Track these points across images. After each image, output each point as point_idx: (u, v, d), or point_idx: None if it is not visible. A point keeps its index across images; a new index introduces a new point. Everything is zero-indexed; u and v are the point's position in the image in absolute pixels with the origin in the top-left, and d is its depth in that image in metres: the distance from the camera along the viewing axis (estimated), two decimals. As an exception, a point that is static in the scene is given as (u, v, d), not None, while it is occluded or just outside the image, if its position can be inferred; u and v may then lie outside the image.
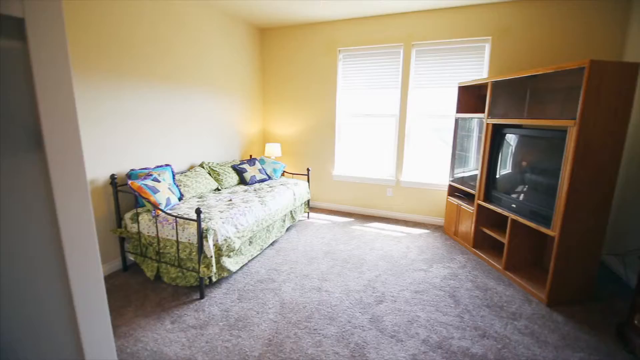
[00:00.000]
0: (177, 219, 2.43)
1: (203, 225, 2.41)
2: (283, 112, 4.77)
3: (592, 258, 2.35)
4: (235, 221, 2.68)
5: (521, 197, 2.71)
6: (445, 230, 3.83)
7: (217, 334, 2.02)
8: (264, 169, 4.14)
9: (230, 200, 3.10)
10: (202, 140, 3.78)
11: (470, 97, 3.56)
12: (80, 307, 0.82)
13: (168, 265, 2.56)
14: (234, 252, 2.65)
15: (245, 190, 3.55)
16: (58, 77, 0.74)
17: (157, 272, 2.62)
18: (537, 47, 3.42)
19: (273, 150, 4.52)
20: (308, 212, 4.27)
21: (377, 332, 2.04)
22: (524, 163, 2.74)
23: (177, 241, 2.45)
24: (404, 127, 4.09)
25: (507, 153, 2.92)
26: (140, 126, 2.98)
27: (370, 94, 4.28)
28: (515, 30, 3.47)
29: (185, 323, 2.11)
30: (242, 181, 3.88)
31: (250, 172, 3.92)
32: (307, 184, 4.18)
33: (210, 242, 2.36)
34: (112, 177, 2.66)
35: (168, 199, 2.69)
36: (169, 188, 2.81)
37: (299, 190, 3.89)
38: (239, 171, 3.89)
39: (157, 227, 2.53)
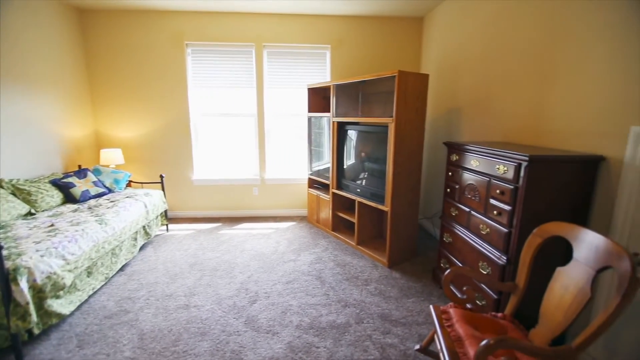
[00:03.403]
0: (-42, 264, 1.73)
1: (8, 264, 1.80)
2: (122, 112, 4.04)
3: (413, 224, 3.05)
4: (63, 251, 2.12)
5: (363, 182, 3.23)
6: (309, 219, 4.16)
7: (47, 400, 1.56)
8: (100, 181, 3.42)
9: (52, 225, 2.43)
10: (-5, 150, 2.79)
11: (319, 98, 3.96)
12: None
13: (-52, 333, 1.79)
14: (65, 290, 2.10)
15: (76, 210, 2.85)
16: None
17: None
18: (365, 56, 4.10)
19: (112, 157, 3.78)
20: (167, 224, 3.80)
21: (253, 333, 2.04)
22: (362, 154, 3.26)
23: (-38, 295, 1.75)
24: (263, 126, 4.17)
25: (350, 146, 3.41)
26: None
27: (227, 93, 4.15)
28: (347, 41, 4.05)
29: (-9, 403, 1.54)
30: (70, 199, 3.10)
31: (81, 186, 3.17)
32: (162, 192, 3.72)
33: (24, 285, 1.79)
34: None
35: (-64, 239, 1.87)
36: (-63, 222, 1.95)
37: (152, 200, 3.41)
38: (62, 187, 3.07)
39: None
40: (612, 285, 1.60)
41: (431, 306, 1.65)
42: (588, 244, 1.26)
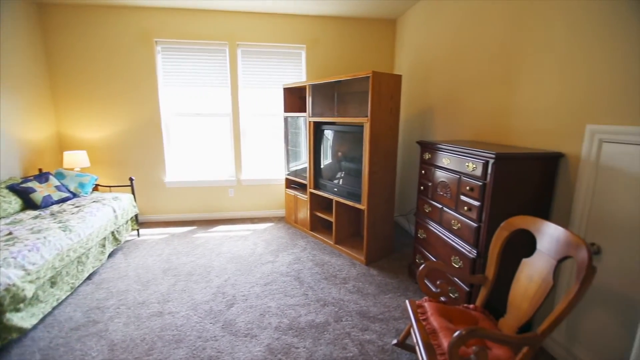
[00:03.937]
0: None
1: (-43, 278, 1.66)
2: (87, 112, 3.83)
3: (389, 221, 3.11)
4: (22, 261, 1.99)
5: (340, 181, 3.26)
6: (287, 219, 4.14)
7: (6, 421, 1.46)
8: (64, 185, 3.23)
9: (10, 233, 2.27)
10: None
11: (295, 98, 3.94)
12: None
13: None
14: (26, 302, 1.97)
15: (37, 217, 2.68)
16: None
17: None
18: (340, 57, 4.13)
19: (76, 159, 3.58)
20: (138, 229, 3.65)
21: (231, 337, 2.00)
22: (339, 153, 3.28)
23: None
24: (238, 126, 4.10)
25: (327, 146, 3.42)
26: None
27: (200, 92, 4.04)
28: (323, 41, 4.06)
29: None
30: (30, 205, 2.90)
31: (42, 191, 2.98)
32: (132, 196, 3.56)
33: (-23, 299, 1.65)
34: None
35: None
36: None
37: (122, 205, 3.26)
38: (21, 192, 2.87)
39: None
40: (572, 273, 1.71)
41: (407, 301, 1.69)
42: (550, 235, 1.34)
